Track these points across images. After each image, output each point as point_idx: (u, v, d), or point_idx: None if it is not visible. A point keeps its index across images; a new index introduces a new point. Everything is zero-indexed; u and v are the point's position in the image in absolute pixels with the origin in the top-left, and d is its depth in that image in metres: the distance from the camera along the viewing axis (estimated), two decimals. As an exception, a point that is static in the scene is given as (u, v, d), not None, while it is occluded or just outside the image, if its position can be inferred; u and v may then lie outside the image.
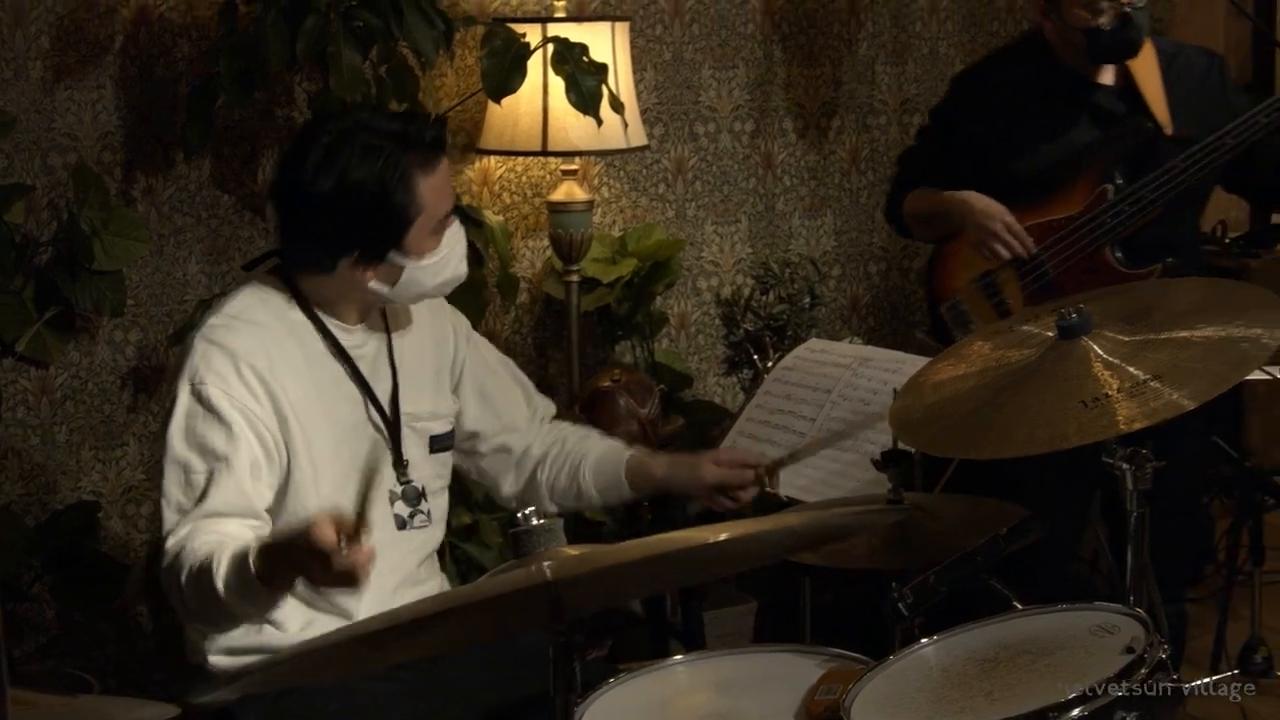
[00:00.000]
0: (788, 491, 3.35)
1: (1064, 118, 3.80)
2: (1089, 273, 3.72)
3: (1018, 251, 3.77)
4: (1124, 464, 2.53)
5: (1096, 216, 3.71)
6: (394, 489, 2.96)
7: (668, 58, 4.82)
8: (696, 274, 4.95)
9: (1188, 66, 3.83)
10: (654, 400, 4.22)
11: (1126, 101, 3.78)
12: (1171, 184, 3.63)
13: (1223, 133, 3.60)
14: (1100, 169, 3.73)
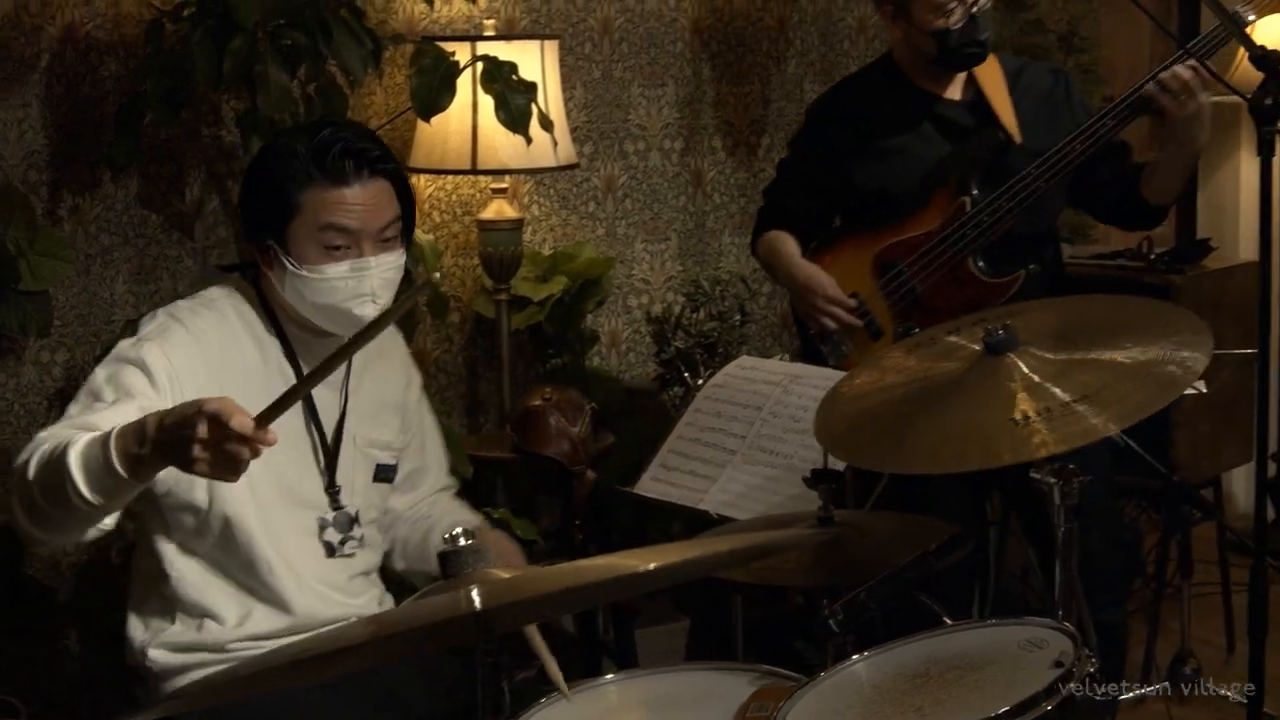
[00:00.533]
0: (717, 509, 3.36)
1: (916, 135, 3.86)
2: (954, 284, 3.78)
3: (843, 321, 3.88)
4: (1051, 479, 2.54)
5: (957, 229, 3.76)
6: (324, 516, 2.95)
7: (597, 76, 4.83)
8: (627, 292, 4.96)
9: (1033, 81, 3.91)
10: (585, 418, 4.21)
11: (976, 115, 3.85)
12: (1026, 192, 3.70)
13: (1071, 138, 3.67)
14: (956, 182, 3.79)
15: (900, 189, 3.86)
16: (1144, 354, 2.55)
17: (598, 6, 4.79)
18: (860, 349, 3.89)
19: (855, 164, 3.90)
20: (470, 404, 4.67)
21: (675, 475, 3.55)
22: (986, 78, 3.86)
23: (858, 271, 3.90)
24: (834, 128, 3.98)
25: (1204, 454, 5.03)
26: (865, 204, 3.92)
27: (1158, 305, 2.92)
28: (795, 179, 4.09)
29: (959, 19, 3.72)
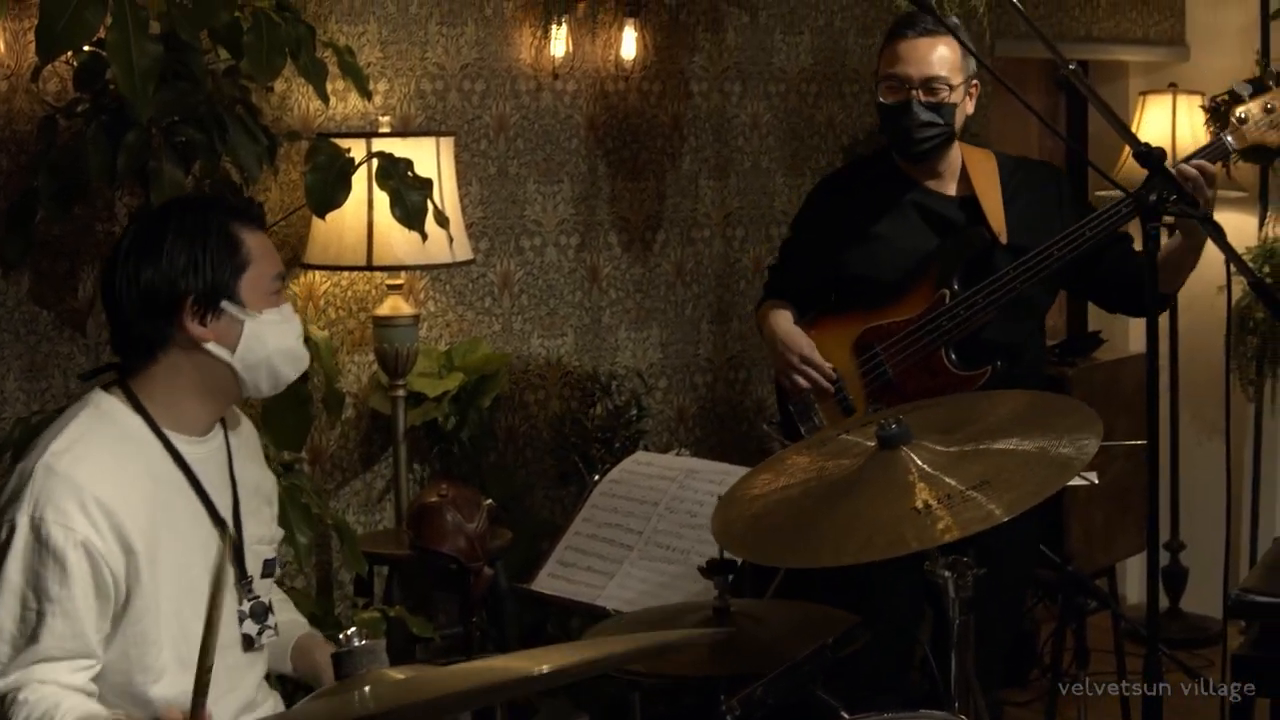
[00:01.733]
0: (615, 605, 3.35)
1: (906, 226, 3.95)
2: (926, 373, 3.85)
3: (816, 382, 3.95)
4: (945, 572, 2.56)
5: (934, 319, 3.84)
6: (241, 608, 2.91)
7: (493, 172, 4.84)
8: (524, 387, 4.95)
9: (1028, 180, 3.99)
10: (482, 514, 4.20)
11: (966, 211, 3.92)
12: (1003, 290, 3.77)
13: (1051, 244, 3.74)
14: (939, 274, 3.87)
15: (886, 276, 3.94)
16: (1036, 442, 2.59)
17: (493, 103, 4.82)
18: (833, 424, 3.93)
19: (846, 248, 3.99)
20: (366, 501, 4.64)
21: (573, 571, 3.55)
22: (980, 175, 3.95)
23: (839, 349, 3.98)
24: (830, 212, 4.08)
25: (1098, 544, 5.08)
26: (852, 286, 4.00)
27: (1045, 396, 2.97)
28: (792, 257, 4.21)
29: (895, 99, 3.83)
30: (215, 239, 2.82)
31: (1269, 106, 3.69)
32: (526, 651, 2.21)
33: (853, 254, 3.97)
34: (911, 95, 3.81)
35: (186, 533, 2.82)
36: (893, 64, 3.84)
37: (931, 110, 3.82)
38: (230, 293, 2.82)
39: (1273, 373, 6.39)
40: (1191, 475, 6.42)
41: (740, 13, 5.37)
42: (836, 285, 4.04)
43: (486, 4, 4.78)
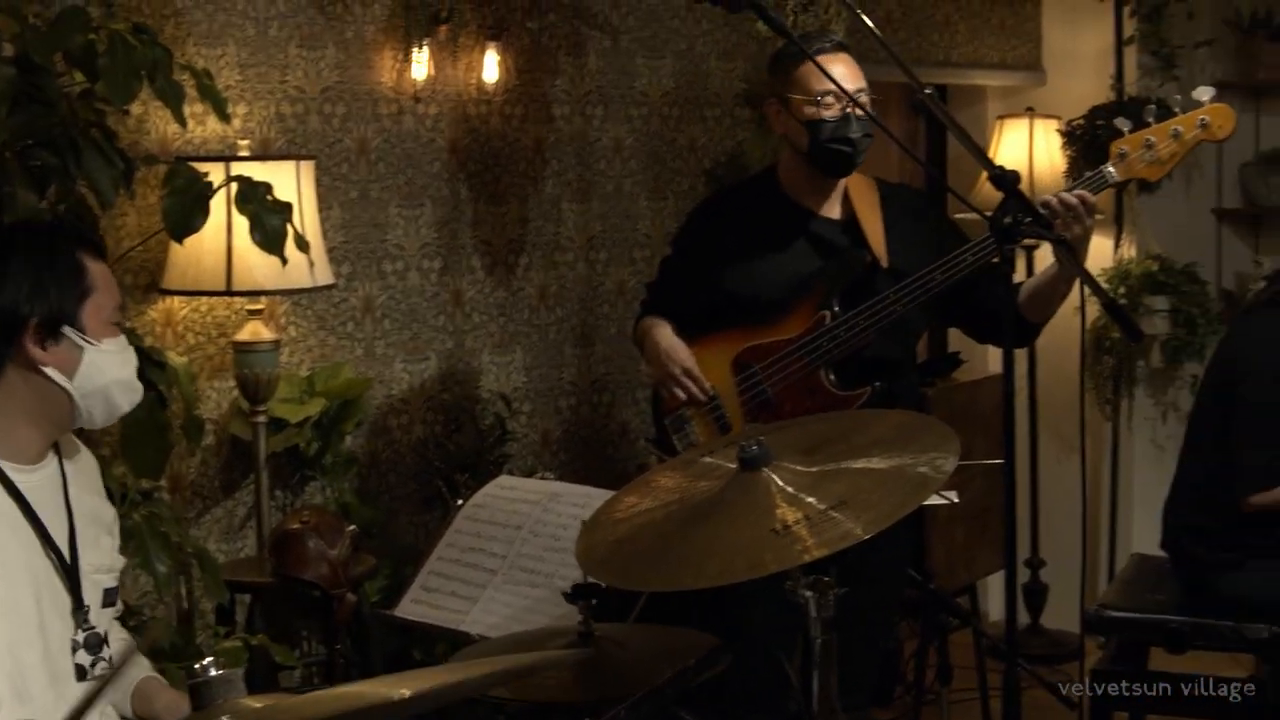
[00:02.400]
0: (480, 630, 3.34)
1: (788, 248, 3.97)
2: (805, 393, 3.87)
3: (693, 395, 3.97)
4: (807, 592, 2.57)
5: (814, 340, 3.86)
6: (75, 637, 2.87)
7: (354, 196, 4.81)
8: (387, 412, 4.93)
9: (907, 206, 4.04)
10: (345, 541, 4.17)
11: (848, 234, 3.95)
12: (883, 313, 3.80)
13: (932, 268, 3.78)
14: (820, 296, 3.89)
15: (767, 296, 3.95)
16: (894, 461, 2.61)
17: (354, 127, 4.79)
18: (709, 441, 3.94)
19: (728, 267, 3.99)
20: (227, 528, 4.59)
21: (436, 597, 3.52)
22: (861, 199, 3.98)
23: (718, 367, 3.98)
24: (712, 232, 4.08)
25: (959, 562, 5.13)
26: (734, 306, 4.00)
27: (904, 415, 2.99)
28: (673, 276, 4.19)
29: (835, 113, 3.85)
30: (61, 264, 2.81)
31: (1148, 141, 3.75)
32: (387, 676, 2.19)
33: (735, 273, 3.99)
34: (848, 109, 3.84)
35: (15, 562, 2.78)
36: (822, 79, 3.82)
37: (861, 122, 3.87)
38: (73, 319, 2.80)
39: (1128, 392, 6.51)
40: (1050, 493, 6.52)
41: (602, 36, 5.38)
42: (717, 304, 4.04)
43: (347, 27, 4.76)
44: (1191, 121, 3.77)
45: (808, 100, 3.86)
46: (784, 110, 3.94)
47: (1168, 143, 3.75)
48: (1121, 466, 6.58)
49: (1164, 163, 3.77)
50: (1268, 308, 4.57)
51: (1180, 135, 3.76)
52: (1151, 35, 6.29)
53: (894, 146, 5.90)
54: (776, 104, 3.96)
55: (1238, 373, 4.51)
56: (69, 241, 2.86)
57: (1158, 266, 6.39)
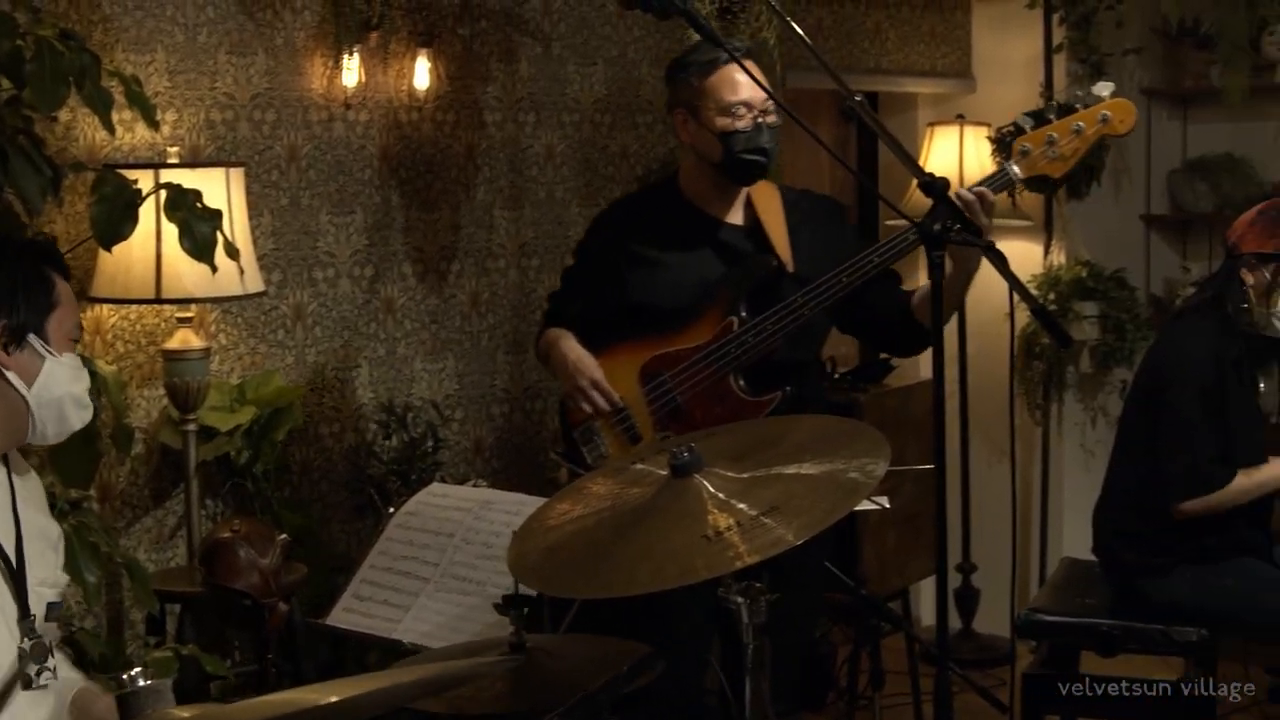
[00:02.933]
0: (412, 639, 3.33)
1: (694, 255, 3.97)
2: (715, 399, 3.87)
3: (601, 407, 3.97)
4: (739, 598, 2.58)
5: (722, 347, 3.86)
6: (22, 645, 2.85)
7: (285, 203, 4.79)
8: (318, 420, 4.90)
9: (810, 211, 4.05)
10: (276, 550, 4.15)
11: (753, 240, 3.95)
12: (791, 317, 3.81)
13: (838, 271, 3.79)
14: (727, 302, 3.89)
15: (673, 304, 3.95)
16: (825, 466, 2.62)
17: (284, 134, 4.77)
18: (619, 452, 3.94)
19: (632, 276, 3.99)
20: (157, 538, 4.55)
21: (368, 605, 3.51)
22: (765, 206, 3.98)
23: (626, 377, 3.98)
24: (615, 240, 4.07)
25: (891, 567, 5.15)
26: (639, 315, 4.00)
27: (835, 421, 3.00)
28: (576, 286, 4.17)
29: (747, 124, 3.84)
30: (32, 277, 2.88)
31: (1050, 138, 3.78)
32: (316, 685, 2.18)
33: (639, 282, 3.99)
34: (759, 119, 3.85)
35: None
36: (735, 90, 3.85)
37: (772, 130, 3.88)
38: (38, 328, 2.86)
39: (1058, 397, 6.56)
40: (982, 498, 6.55)
41: (534, 43, 5.38)
42: (623, 314, 4.04)
43: (277, 34, 4.74)
44: (1093, 117, 3.80)
45: (720, 112, 3.86)
46: (693, 120, 3.93)
47: (1070, 139, 3.77)
48: (1052, 471, 6.62)
49: (1067, 159, 3.79)
50: (1195, 315, 4.61)
51: (1082, 131, 3.79)
52: (1080, 43, 6.34)
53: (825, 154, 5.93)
54: (684, 114, 3.95)
55: (1165, 379, 4.55)
56: (40, 256, 2.93)
57: (1087, 273, 6.44)
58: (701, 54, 3.92)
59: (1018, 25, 6.63)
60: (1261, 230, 4.49)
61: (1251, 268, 4.50)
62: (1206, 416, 4.44)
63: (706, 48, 3.91)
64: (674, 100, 4.01)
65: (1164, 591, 4.52)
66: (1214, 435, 4.45)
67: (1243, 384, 4.57)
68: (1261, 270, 4.49)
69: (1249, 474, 4.52)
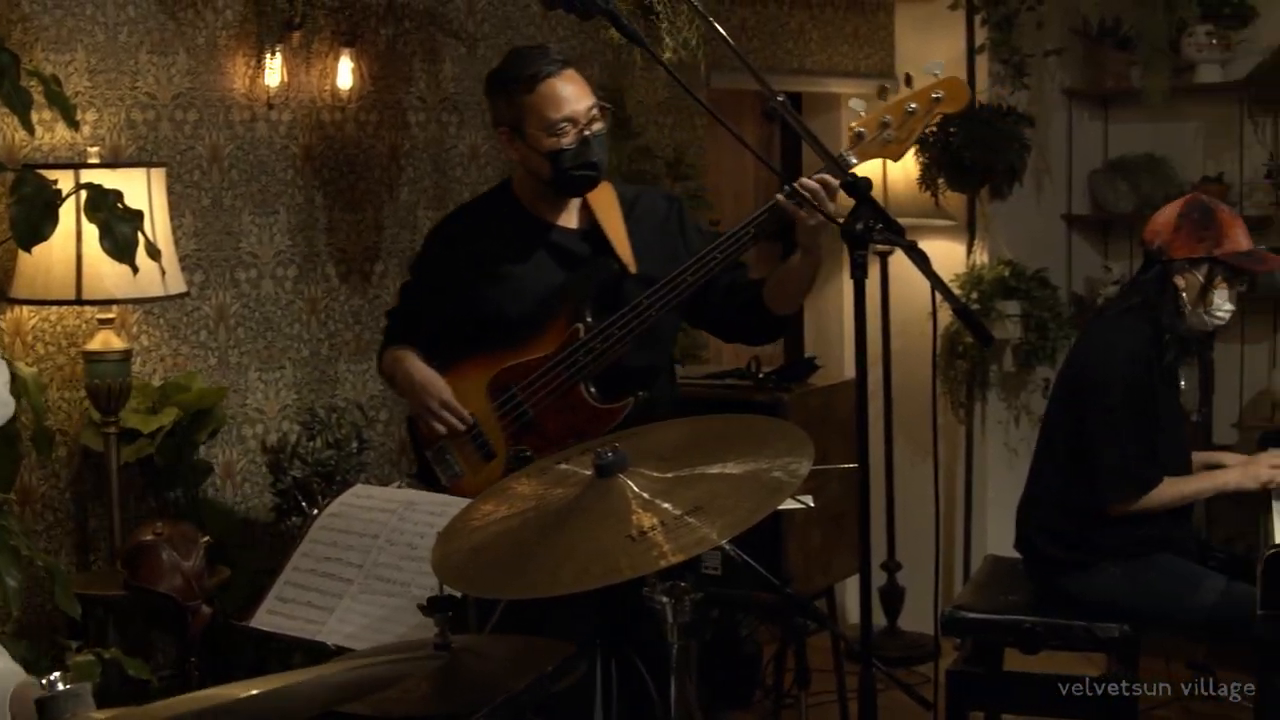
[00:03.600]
0: (336, 640, 3.31)
1: (532, 263, 3.91)
2: (566, 409, 3.84)
3: (454, 427, 3.91)
4: (663, 598, 2.58)
5: (569, 355, 3.82)
6: None
7: (207, 203, 4.76)
8: (241, 421, 4.88)
9: (649, 209, 4.00)
10: (199, 552, 4.13)
11: (591, 243, 3.92)
12: (638, 319, 3.78)
13: (683, 269, 3.77)
14: (571, 309, 3.85)
15: (516, 315, 3.89)
16: (748, 465, 2.62)
17: (206, 133, 4.74)
18: (473, 470, 3.90)
19: (472, 289, 3.92)
20: (79, 541, 4.52)
21: (292, 607, 3.49)
22: (601, 206, 3.93)
23: (474, 393, 3.92)
24: (452, 252, 3.99)
25: (816, 566, 5.16)
26: (483, 328, 3.93)
27: (759, 420, 3.01)
28: (416, 301, 4.11)
29: (572, 140, 3.79)
30: None
31: (884, 121, 3.77)
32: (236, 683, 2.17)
33: (480, 294, 3.92)
34: (585, 132, 3.81)
35: None
36: (558, 107, 3.78)
37: (600, 139, 3.85)
38: None
39: (982, 395, 6.60)
40: (906, 496, 6.58)
41: (457, 44, 5.37)
42: (466, 327, 3.97)
43: (198, 33, 4.70)
44: (925, 96, 3.79)
45: (545, 130, 3.80)
46: (518, 139, 3.86)
47: (903, 119, 3.76)
48: (976, 469, 6.67)
49: (903, 141, 3.78)
50: (1124, 316, 4.64)
51: (915, 111, 3.77)
52: (1002, 44, 6.39)
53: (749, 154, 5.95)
54: (508, 132, 3.88)
55: (1093, 378, 4.59)
56: None
57: (1009, 272, 6.49)
58: (519, 69, 3.83)
59: (940, 26, 6.67)
60: (1189, 234, 4.51)
61: (1183, 272, 4.53)
62: (1135, 415, 4.48)
63: (523, 60, 3.84)
64: (496, 118, 3.93)
65: (1087, 588, 4.56)
66: (1142, 434, 4.49)
67: (1169, 385, 4.62)
68: (1194, 273, 4.52)
69: (1182, 482, 4.57)
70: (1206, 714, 5.64)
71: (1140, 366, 4.51)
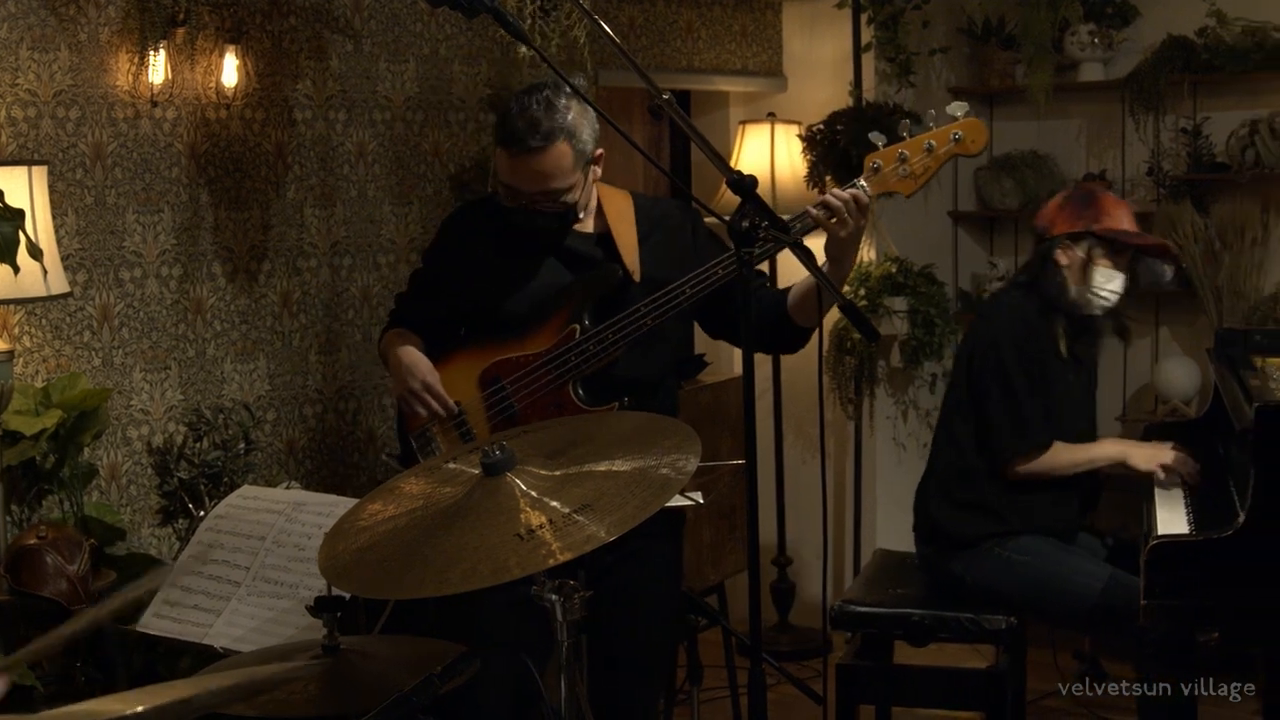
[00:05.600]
0: (224, 643, 3.29)
1: (541, 262, 3.91)
2: (554, 408, 3.83)
3: (435, 411, 3.91)
4: (552, 595, 2.59)
5: (563, 354, 3.83)
6: None
7: (90, 202, 4.70)
8: (126, 423, 4.82)
9: (663, 218, 3.99)
10: (84, 556, 4.09)
11: (601, 247, 3.92)
12: (633, 326, 3.78)
13: (681, 283, 3.77)
14: (571, 310, 3.85)
15: (517, 310, 3.89)
16: (636, 462, 2.63)
17: (89, 131, 4.68)
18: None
19: (478, 281, 3.92)
20: (-40, 546, 4.46)
21: (179, 611, 3.47)
22: (615, 212, 3.92)
23: (466, 381, 3.92)
24: (463, 243, 4.00)
25: (707, 562, 5.19)
26: (485, 320, 3.94)
27: (647, 417, 3.02)
28: (422, 289, 4.11)
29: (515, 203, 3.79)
30: None
31: (902, 155, 3.80)
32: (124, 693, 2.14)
33: (485, 287, 3.93)
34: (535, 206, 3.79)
35: None
36: (507, 174, 3.78)
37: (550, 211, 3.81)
38: None
39: (870, 391, 6.65)
40: (796, 492, 6.62)
41: (344, 40, 5.34)
42: (467, 318, 4.00)
43: (80, 29, 4.65)
44: (945, 136, 3.82)
45: (500, 179, 3.82)
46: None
47: (921, 157, 3.79)
48: (864, 464, 6.72)
49: (918, 177, 3.81)
50: (1013, 294, 4.76)
51: (934, 149, 3.81)
52: (888, 42, 6.43)
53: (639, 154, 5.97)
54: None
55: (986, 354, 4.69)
56: None
57: (896, 268, 6.55)
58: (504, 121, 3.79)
59: (827, 25, 6.71)
60: (1071, 212, 4.66)
61: (1065, 249, 4.67)
62: (1029, 381, 4.61)
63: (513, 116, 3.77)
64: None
65: (973, 567, 4.62)
66: (1037, 398, 4.60)
67: (1066, 365, 4.72)
68: (1074, 249, 4.67)
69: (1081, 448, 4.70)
70: (1091, 703, 5.72)
71: (1029, 332, 4.65)
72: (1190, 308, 6.39)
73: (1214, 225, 6.21)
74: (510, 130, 3.75)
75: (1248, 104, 6.21)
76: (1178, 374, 6.35)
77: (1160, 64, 6.27)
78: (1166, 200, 6.39)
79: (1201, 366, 6.28)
